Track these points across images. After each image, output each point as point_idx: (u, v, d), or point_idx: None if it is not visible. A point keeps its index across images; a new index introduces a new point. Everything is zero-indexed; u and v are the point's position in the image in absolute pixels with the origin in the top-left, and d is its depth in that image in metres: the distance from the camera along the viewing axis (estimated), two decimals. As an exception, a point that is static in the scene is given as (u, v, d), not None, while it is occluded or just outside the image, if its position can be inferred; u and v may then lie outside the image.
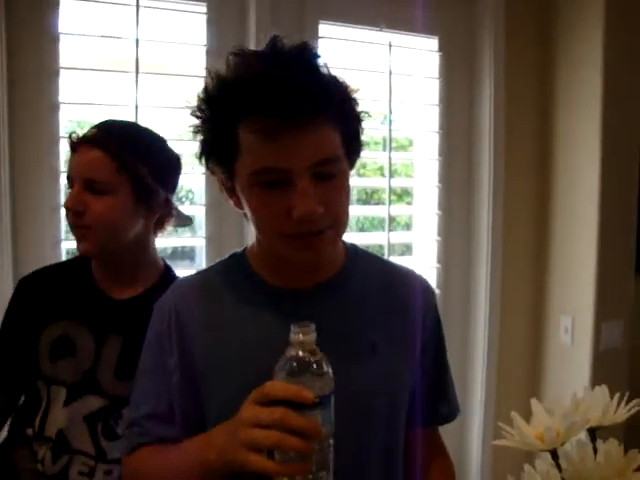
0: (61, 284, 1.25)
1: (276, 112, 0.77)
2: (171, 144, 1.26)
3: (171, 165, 1.25)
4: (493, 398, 2.26)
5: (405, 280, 1.06)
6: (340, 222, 0.89)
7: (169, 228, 1.30)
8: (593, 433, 0.73)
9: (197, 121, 0.88)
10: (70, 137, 1.18)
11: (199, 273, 1.07)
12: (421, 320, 1.02)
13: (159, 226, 1.26)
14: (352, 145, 0.90)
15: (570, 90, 2.19)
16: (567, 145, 2.21)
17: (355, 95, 0.89)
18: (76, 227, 1.17)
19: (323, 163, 0.82)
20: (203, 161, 0.91)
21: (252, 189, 0.85)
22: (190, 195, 2.10)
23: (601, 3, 2.03)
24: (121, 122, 1.24)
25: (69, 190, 1.17)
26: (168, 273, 1.28)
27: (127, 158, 1.14)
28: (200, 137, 0.89)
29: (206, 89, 0.86)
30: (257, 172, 0.83)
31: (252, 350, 0.90)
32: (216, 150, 0.88)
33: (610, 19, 2.03)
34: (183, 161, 1.29)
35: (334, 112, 0.83)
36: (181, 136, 1.95)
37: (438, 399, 1.07)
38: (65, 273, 1.28)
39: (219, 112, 0.85)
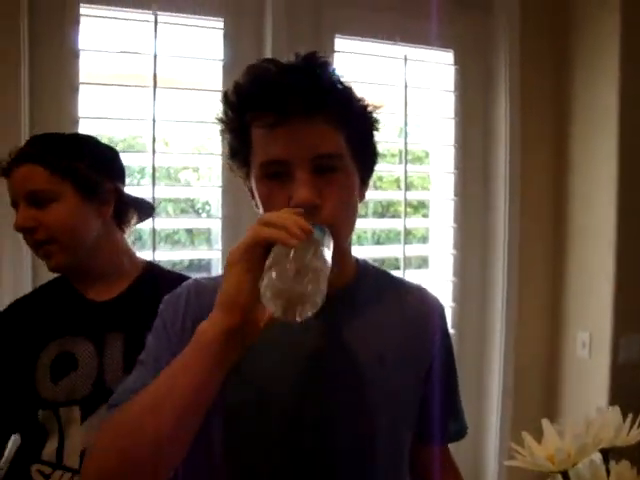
0: (44, 307, 1.22)
1: (274, 108, 0.83)
2: (189, 157, 1.26)
3: (108, 153, 1.25)
4: (509, 415, 2.23)
5: (417, 297, 1.06)
6: (339, 222, 0.87)
7: (133, 221, 1.29)
8: (606, 454, 0.72)
9: (222, 126, 0.92)
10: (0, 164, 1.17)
11: (215, 278, 1.07)
12: (432, 338, 1.03)
13: (121, 220, 1.25)
14: (361, 150, 0.92)
15: (587, 105, 2.17)
16: (584, 160, 2.19)
17: (366, 103, 0.92)
18: (37, 246, 1.16)
19: (322, 157, 0.86)
20: (229, 163, 0.95)
21: (260, 183, 0.89)
22: (207, 207, 2.12)
23: (617, 17, 2.03)
24: (44, 134, 1.23)
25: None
26: (151, 265, 1.30)
27: (57, 161, 1.14)
28: (225, 140, 0.94)
29: (226, 93, 0.90)
30: (263, 164, 0.87)
31: (260, 356, 0.88)
32: (236, 150, 0.92)
33: (627, 33, 2.02)
34: (200, 174, 1.29)
35: (334, 113, 0.86)
36: (198, 150, 1.97)
37: (448, 417, 1.06)
38: (45, 296, 1.25)
39: (235, 112, 0.90)
